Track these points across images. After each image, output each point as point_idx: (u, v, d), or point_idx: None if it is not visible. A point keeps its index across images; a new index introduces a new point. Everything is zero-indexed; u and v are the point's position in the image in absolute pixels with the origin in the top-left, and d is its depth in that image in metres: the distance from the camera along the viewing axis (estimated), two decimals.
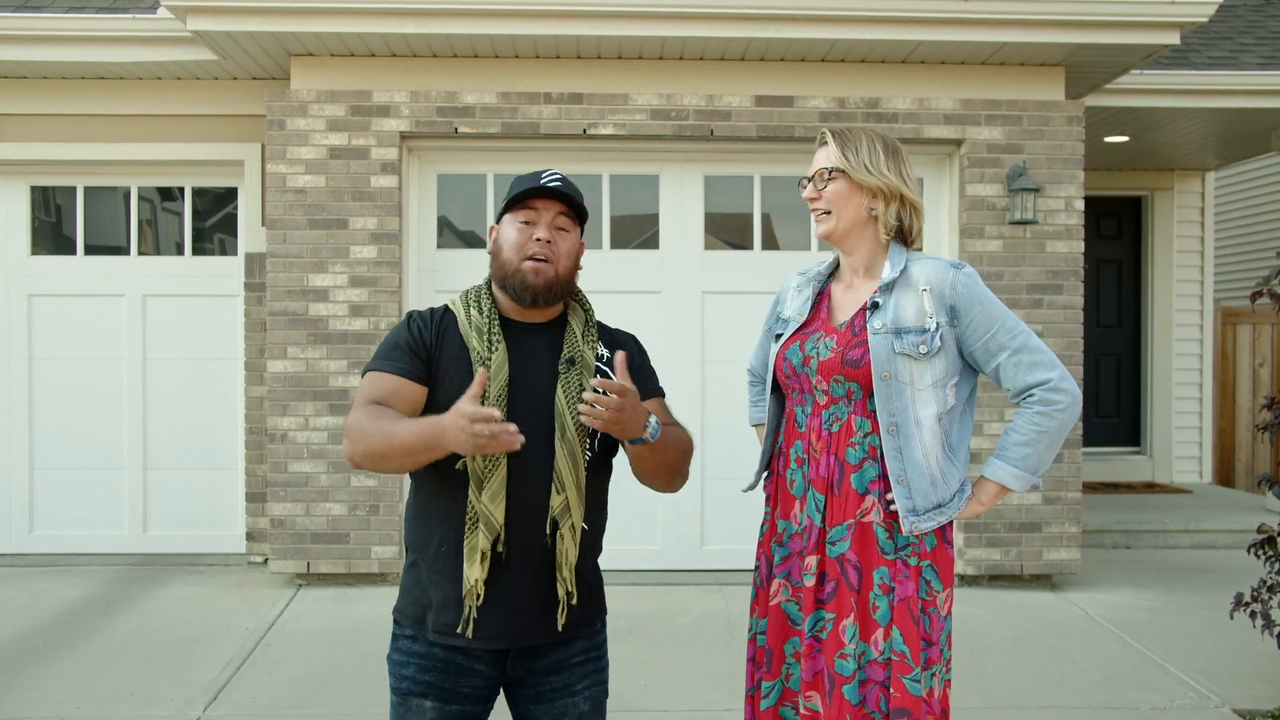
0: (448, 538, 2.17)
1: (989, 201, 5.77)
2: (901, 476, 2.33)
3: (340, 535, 5.65)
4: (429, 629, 2.19)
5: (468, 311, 2.24)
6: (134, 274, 6.34)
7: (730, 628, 5.01)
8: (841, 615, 2.34)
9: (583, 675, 2.30)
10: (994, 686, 4.32)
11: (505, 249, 2.23)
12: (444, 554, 2.17)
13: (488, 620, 2.16)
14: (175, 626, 5.02)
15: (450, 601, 2.17)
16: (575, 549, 2.22)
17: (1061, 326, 5.76)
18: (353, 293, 5.65)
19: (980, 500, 2.44)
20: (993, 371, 2.41)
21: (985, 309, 2.38)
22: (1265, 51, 7.03)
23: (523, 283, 2.21)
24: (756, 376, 2.82)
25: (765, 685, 2.46)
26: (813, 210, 2.49)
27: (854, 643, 2.33)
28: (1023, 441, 2.39)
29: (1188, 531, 6.98)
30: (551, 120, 5.69)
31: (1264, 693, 4.28)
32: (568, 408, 2.17)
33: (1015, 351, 2.38)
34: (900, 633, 2.31)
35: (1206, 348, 8.82)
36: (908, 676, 2.29)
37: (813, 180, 2.47)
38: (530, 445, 2.13)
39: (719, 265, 6.01)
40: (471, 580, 2.12)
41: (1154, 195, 8.80)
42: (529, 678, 2.26)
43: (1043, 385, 2.37)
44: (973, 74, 5.78)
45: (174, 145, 6.18)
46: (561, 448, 2.16)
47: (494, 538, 2.13)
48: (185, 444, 6.32)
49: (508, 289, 2.24)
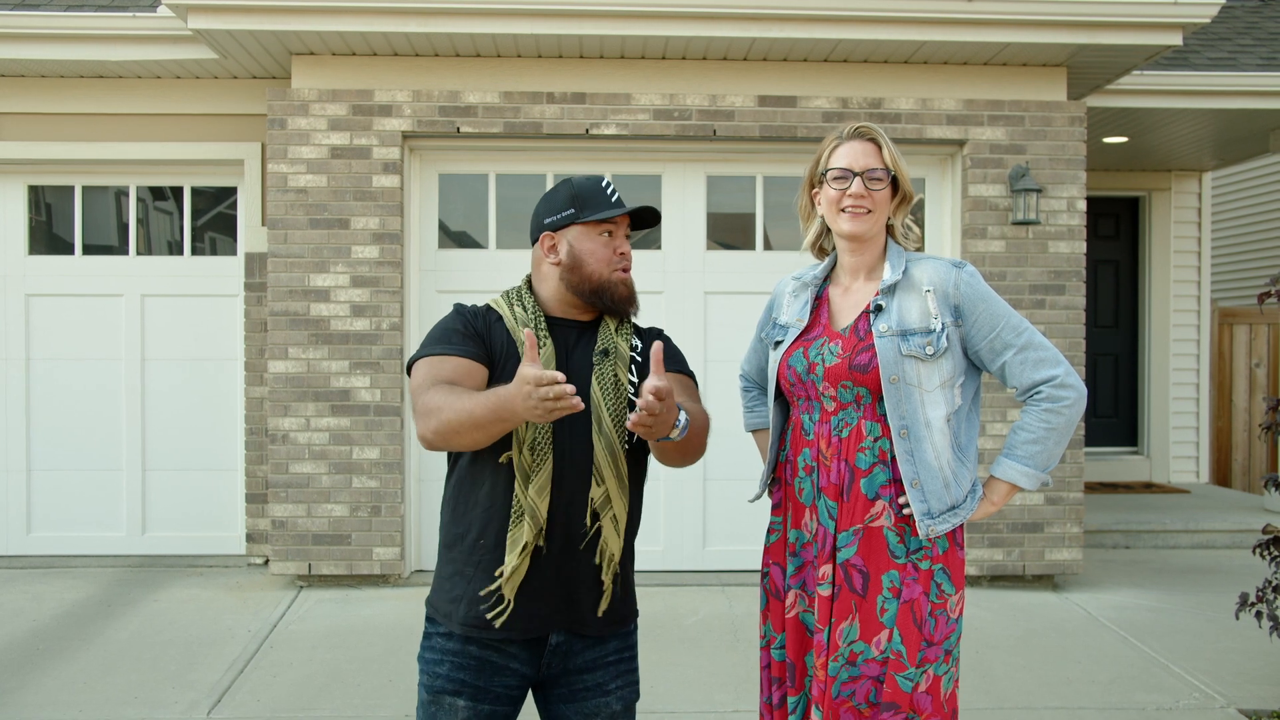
0: (488, 530, 2.19)
1: (991, 202, 5.78)
2: (915, 480, 2.32)
3: (342, 536, 5.62)
4: (460, 621, 2.20)
5: (512, 309, 2.27)
6: (132, 274, 6.30)
7: (735, 629, 5.00)
8: (840, 619, 2.34)
9: (616, 675, 2.31)
10: (1001, 687, 4.32)
11: (591, 261, 2.25)
12: (484, 546, 2.19)
13: (524, 613, 2.18)
14: (177, 629, 4.99)
15: (489, 594, 2.18)
16: (619, 539, 2.24)
17: (1064, 327, 5.76)
18: (354, 293, 5.63)
19: (992, 500, 2.44)
20: (998, 370, 2.41)
21: (989, 307, 2.38)
22: (1264, 52, 7.05)
23: (616, 295, 2.27)
24: (750, 382, 2.79)
25: (791, 701, 2.45)
26: (853, 208, 2.40)
27: (846, 642, 2.32)
28: (1031, 439, 2.39)
29: (1187, 531, 6.99)
30: (554, 120, 5.67)
31: (1270, 693, 4.29)
32: (603, 399, 2.20)
33: (1020, 349, 2.38)
34: (900, 634, 2.31)
35: (1204, 348, 8.84)
36: (901, 675, 2.31)
37: (860, 176, 2.40)
38: (571, 438, 2.18)
39: (721, 265, 6.00)
40: (510, 569, 2.14)
41: (1151, 196, 8.82)
42: (562, 676, 2.27)
43: (1049, 382, 2.37)
44: (975, 74, 5.78)
45: (173, 145, 6.14)
46: (600, 440, 2.19)
47: (538, 530, 2.14)
48: (184, 445, 6.29)
49: (597, 300, 2.26)
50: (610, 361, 2.23)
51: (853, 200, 2.39)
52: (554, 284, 2.28)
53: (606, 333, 2.28)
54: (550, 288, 2.29)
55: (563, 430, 2.17)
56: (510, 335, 2.23)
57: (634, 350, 2.30)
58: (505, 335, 2.24)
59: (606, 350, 2.25)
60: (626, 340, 2.29)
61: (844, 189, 2.40)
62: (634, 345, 2.30)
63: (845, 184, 2.40)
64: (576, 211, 2.26)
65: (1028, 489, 2.43)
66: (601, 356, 2.24)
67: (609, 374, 2.22)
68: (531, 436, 2.14)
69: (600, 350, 2.24)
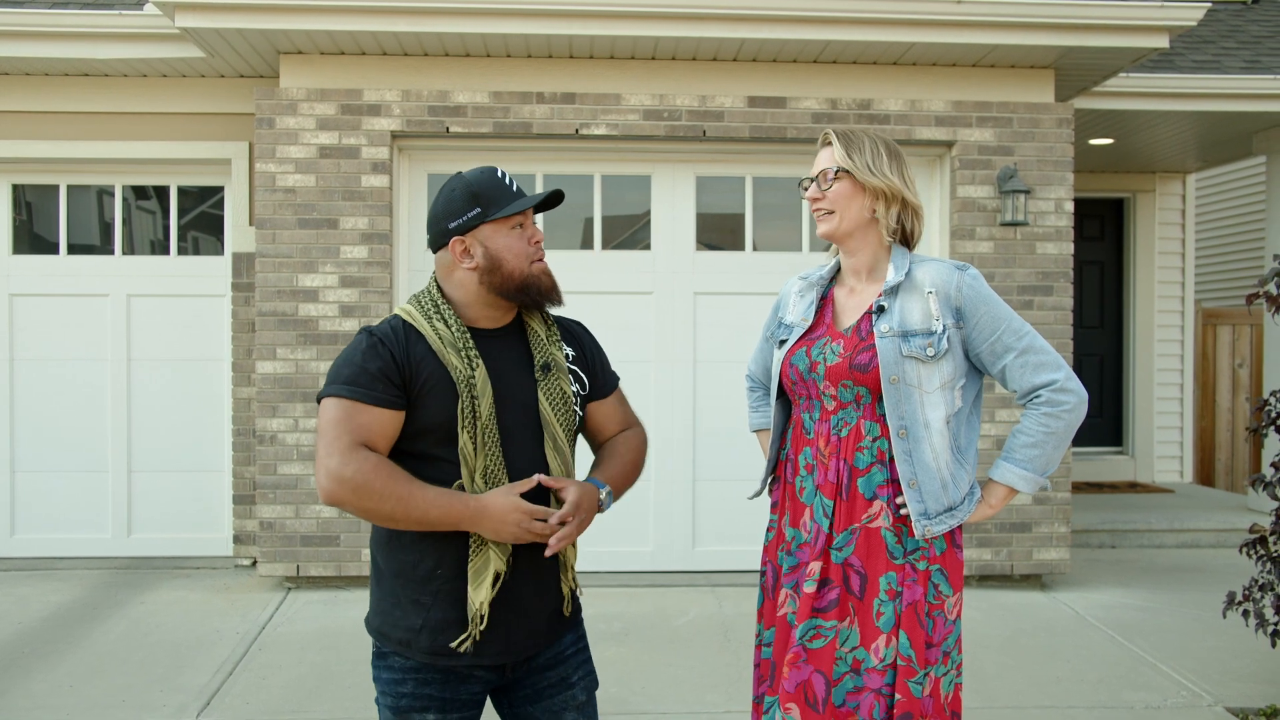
0: (445, 559, 2.10)
1: (980, 203, 5.80)
2: (912, 480, 2.33)
3: (331, 538, 5.60)
4: (423, 650, 2.13)
5: (432, 325, 2.14)
6: (118, 274, 6.25)
7: (725, 629, 5.01)
8: (840, 621, 2.34)
9: (576, 666, 2.30)
10: (992, 687, 4.34)
11: (509, 258, 2.16)
12: (442, 575, 2.11)
13: (493, 638, 2.13)
14: (164, 631, 4.96)
15: (450, 623, 2.11)
16: (575, 551, 2.28)
17: (1052, 328, 5.79)
18: (343, 293, 5.60)
19: (990, 503, 2.45)
20: (999, 373, 2.42)
21: (991, 310, 2.39)
22: (1247, 55, 7.11)
23: (540, 287, 2.20)
24: (756, 382, 2.81)
25: (768, 700, 2.45)
26: (815, 210, 2.49)
27: (848, 646, 2.33)
28: (1031, 443, 2.40)
29: (1172, 531, 7.04)
30: (544, 120, 5.66)
31: (1257, 691, 4.32)
32: (554, 415, 2.18)
33: (1021, 353, 2.38)
34: (908, 638, 2.31)
35: (1187, 348, 8.91)
36: (912, 679, 2.30)
37: (816, 180, 2.47)
38: (526, 459, 2.15)
39: (711, 266, 6.00)
40: (478, 603, 2.08)
41: (1136, 197, 8.88)
42: (526, 678, 2.25)
43: (1049, 386, 2.37)
44: (964, 76, 5.80)
45: (160, 144, 6.09)
46: (555, 456, 2.18)
47: (506, 558, 2.10)
48: (170, 446, 6.25)
49: (522, 296, 2.20)
50: (554, 375, 2.20)
51: (814, 204, 2.48)
52: (473, 288, 2.18)
53: (539, 342, 2.23)
54: (468, 292, 2.19)
55: (516, 451, 2.13)
56: (436, 356, 2.10)
57: (569, 359, 2.28)
58: (429, 355, 2.10)
59: (548, 365, 2.21)
60: (560, 348, 2.26)
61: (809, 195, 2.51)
62: (568, 354, 2.29)
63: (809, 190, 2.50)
64: (483, 210, 2.15)
65: (1025, 492, 2.44)
66: (544, 372, 2.20)
67: (555, 389, 2.19)
68: (484, 464, 2.09)
69: (541, 365, 2.20)
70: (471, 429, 2.08)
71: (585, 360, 2.34)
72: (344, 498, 2.01)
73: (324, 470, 2.01)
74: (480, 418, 2.08)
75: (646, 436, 2.43)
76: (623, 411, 2.41)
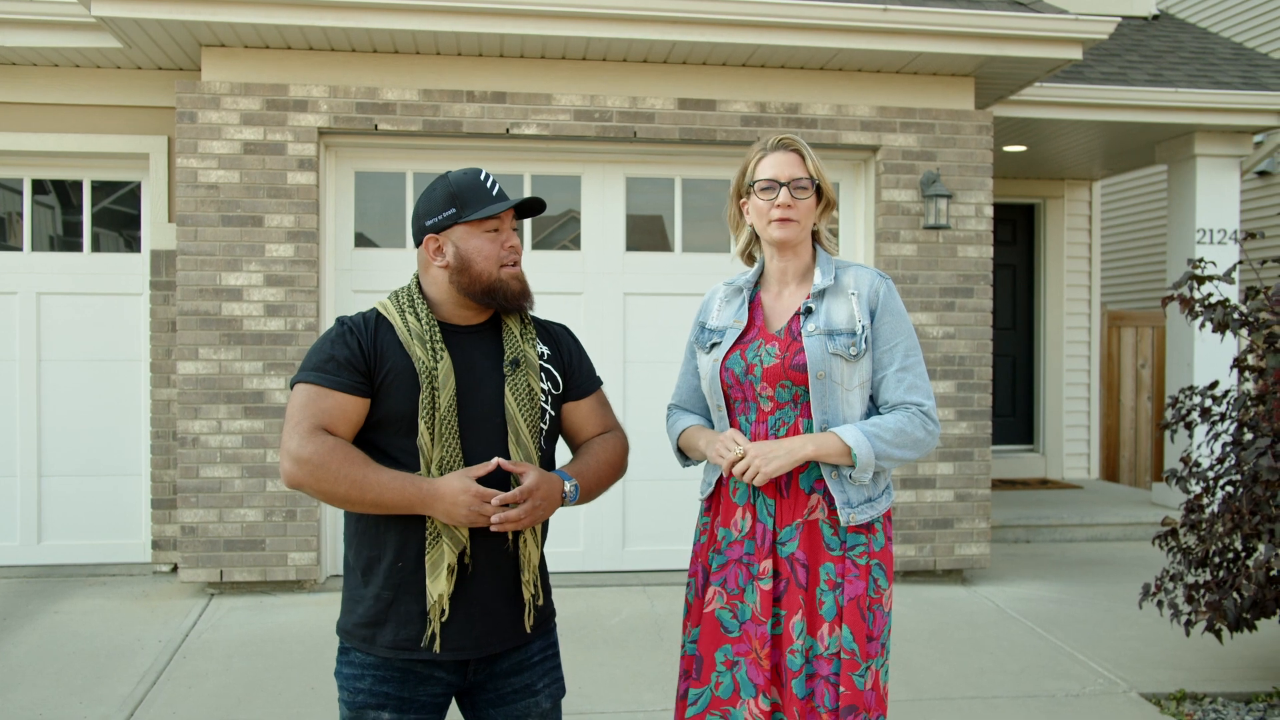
0: (405, 552, 2.12)
1: (904, 207, 5.94)
2: (834, 471, 2.41)
3: (256, 542, 5.48)
4: (382, 645, 2.14)
5: (404, 318, 2.18)
6: (28, 270, 6.02)
7: (659, 628, 5.04)
8: (790, 612, 2.40)
9: (543, 674, 2.31)
10: (920, 679, 4.45)
11: (479, 261, 2.19)
12: (401, 569, 2.13)
13: (453, 632, 2.14)
14: (81, 640, 4.79)
15: (412, 616, 2.13)
16: (538, 550, 2.26)
17: (972, 329, 5.96)
18: (268, 292, 5.49)
19: (815, 442, 2.37)
20: (878, 380, 2.49)
21: (895, 321, 2.49)
22: (1151, 69, 7.41)
23: (508, 292, 2.22)
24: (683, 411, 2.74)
25: (693, 693, 2.48)
26: (780, 218, 2.48)
27: (801, 638, 2.39)
28: (884, 428, 2.40)
29: (1082, 525, 7.30)
30: (474, 119, 5.63)
31: (1167, 676, 4.51)
32: (519, 411, 2.19)
33: (905, 369, 2.47)
34: (850, 631, 2.37)
35: (1094, 349, 9.25)
36: (855, 673, 2.36)
37: (786, 187, 2.49)
38: (484, 449, 2.15)
39: (641, 267, 6.03)
40: (436, 595, 2.10)
41: (1046, 203, 9.19)
42: (489, 682, 2.25)
43: (919, 406, 2.46)
44: (888, 83, 5.93)
45: (73, 136, 5.88)
46: (518, 452, 2.18)
47: (460, 550, 2.11)
48: (84, 449, 6.03)
49: (490, 300, 2.21)
50: (522, 371, 2.21)
51: (780, 210, 2.47)
52: (444, 286, 2.21)
53: (512, 339, 2.25)
54: (440, 290, 2.22)
55: (477, 444, 2.14)
56: (403, 347, 2.14)
57: (542, 357, 2.29)
58: (396, 346, 2.14)
59: (517, 361, 2.22)
60: (534, 347, 2.27)
61: (772, 199, 2.48)
62: (542, 353, 2.29)
63: (773, 194, 2.48)
64: (459, 210, 2.18)
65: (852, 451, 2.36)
66: (513, 367, 2.21)
67: (522, 384, 2.20)
68: (440, 456, 2.10)
69: (511, 361, 2.22)
70: (430, 420, 2.10)
71: (561, 360, 2.34)
72: (302, 479, 2.05)
73: (285, 452, 2.07)
74: (439, 409, 2.10)
75: (627, 441, 2.44)
76: (603, 414, 2.42)
